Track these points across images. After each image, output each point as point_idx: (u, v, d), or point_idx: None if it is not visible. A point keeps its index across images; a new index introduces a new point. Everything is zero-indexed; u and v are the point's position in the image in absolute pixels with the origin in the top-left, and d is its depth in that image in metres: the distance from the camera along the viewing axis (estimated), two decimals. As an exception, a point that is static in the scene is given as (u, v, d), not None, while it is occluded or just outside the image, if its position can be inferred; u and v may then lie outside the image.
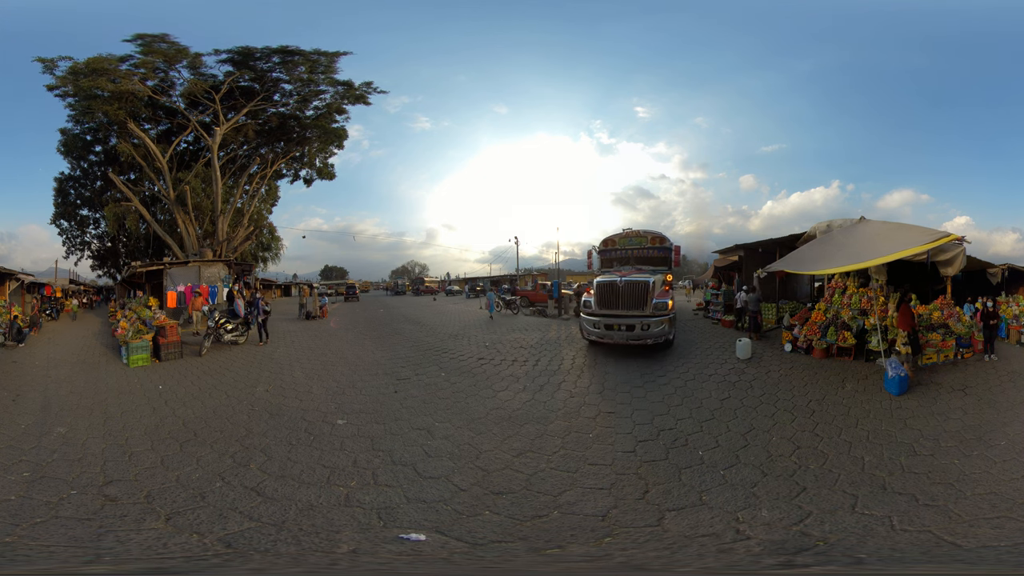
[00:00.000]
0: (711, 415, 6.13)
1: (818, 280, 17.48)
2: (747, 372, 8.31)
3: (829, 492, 4.06)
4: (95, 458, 4.99)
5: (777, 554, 3.20)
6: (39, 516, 3.76)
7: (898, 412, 6.07)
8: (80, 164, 31.01)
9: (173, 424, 6.12)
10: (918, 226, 7.73)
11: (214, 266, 19.02)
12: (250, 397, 7.39)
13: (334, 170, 31.61)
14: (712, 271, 21.99)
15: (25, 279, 21.74)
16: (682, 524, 3.62)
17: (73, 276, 35.42)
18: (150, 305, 15.08)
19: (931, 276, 9.26)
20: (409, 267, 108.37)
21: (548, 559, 3.24)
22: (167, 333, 10.74)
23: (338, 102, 27.00)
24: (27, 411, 6.75)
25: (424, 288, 52.88)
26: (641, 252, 12.06)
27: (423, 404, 6.86)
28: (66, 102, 22.48)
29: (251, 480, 4.43)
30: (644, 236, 12.20)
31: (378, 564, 3.20)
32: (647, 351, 9.93)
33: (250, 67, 23.73)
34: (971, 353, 9.02)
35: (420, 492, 4.17)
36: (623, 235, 12.50)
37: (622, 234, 12.52)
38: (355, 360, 10.25)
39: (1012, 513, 3.59)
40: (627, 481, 4.34)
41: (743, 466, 4.62)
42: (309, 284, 41.20)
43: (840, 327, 9.49)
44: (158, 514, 3.80)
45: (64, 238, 33.98)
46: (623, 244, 12.37)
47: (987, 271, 15.15)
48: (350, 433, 5.69)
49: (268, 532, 3.53)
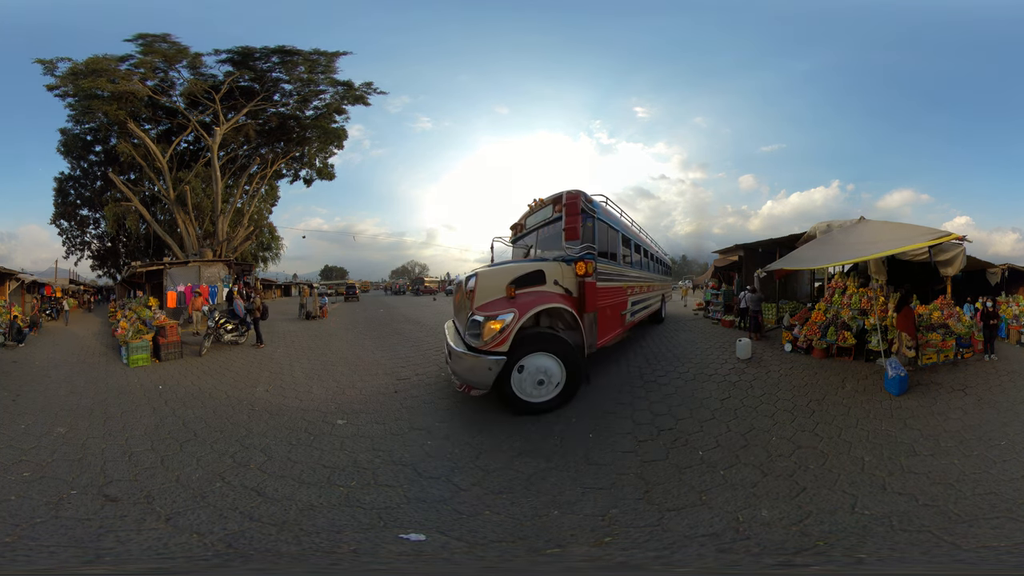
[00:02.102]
0: (711, 415, 6.13)
1: (818, 280, 17.51)
2: (747, 372, 8.31)
3: (829, 492, 4.06)
4: (95, 458, 4.99)
5: (777, 554, 3.21)
6: (39, 516, 3.77)
7: (898, 412, 6.07)
8: (80, 164, 31.04)
9: (173, 424, 6.12)
10: (918, 226, 7.74)
11: (214, 266, 19.04)
12: (250, 397, 7.39)
13: (334, 170, 31.66)
14: (712, 271, 22.00)
15: (25, 279, 21.76)
16: (682, 524, 3.62)
17: (73, 276, 35.43)
18: (150, 305, 15.08)
19: (931, 276, 9.27)
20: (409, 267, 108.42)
21: (548, 559, 3.24)
22: (167, 333, 10.74)
23: (338, 102, 27.02)
24: (27, 411, 6.75)
25: (424, 288, 52.92)
26: (547, 228, 7.91)
27: (425, 401, 6.87)
28: (66, 102, 22.51)
29: (251, 480, 4.43)
30: (549, 204, 7.77)
31: (379, 564, 3.20)
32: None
33: (250, 67, 23.75)
34: (971, 353, 9.02)
35: (421, 492, 4.17)
36: (528, 211, 8.64)
37: (528, 210, 8.69)
38: (355, 360, 10.25)
39: (1012, 513, 3.59)
40: (627, 481, 4.34)
41: (743, 466, 4.62)
42: (309, 284, 41.26)
43: (840, 327, 9.49)
44: (158, 514, 3.80)
45: (64, 238, 34.07)
46: (530, 222, 8.56)
47: (987, 271, 15.16)
48: (350, 433, 5.69)
49: (269, 532, 3.54)
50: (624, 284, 9.51)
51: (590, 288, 6.83)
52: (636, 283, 10.77)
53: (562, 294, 6.72)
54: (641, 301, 11.43)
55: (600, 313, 7.28)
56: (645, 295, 12.00)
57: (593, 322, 6.99)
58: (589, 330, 6.88)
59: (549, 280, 6.72)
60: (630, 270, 10.41)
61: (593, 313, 6.95)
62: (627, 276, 9.91)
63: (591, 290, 6.84)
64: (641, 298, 11.39)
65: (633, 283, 10.45)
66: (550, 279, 6.72)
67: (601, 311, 7.36)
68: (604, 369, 8.64)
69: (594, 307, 6.94)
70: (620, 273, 9.23)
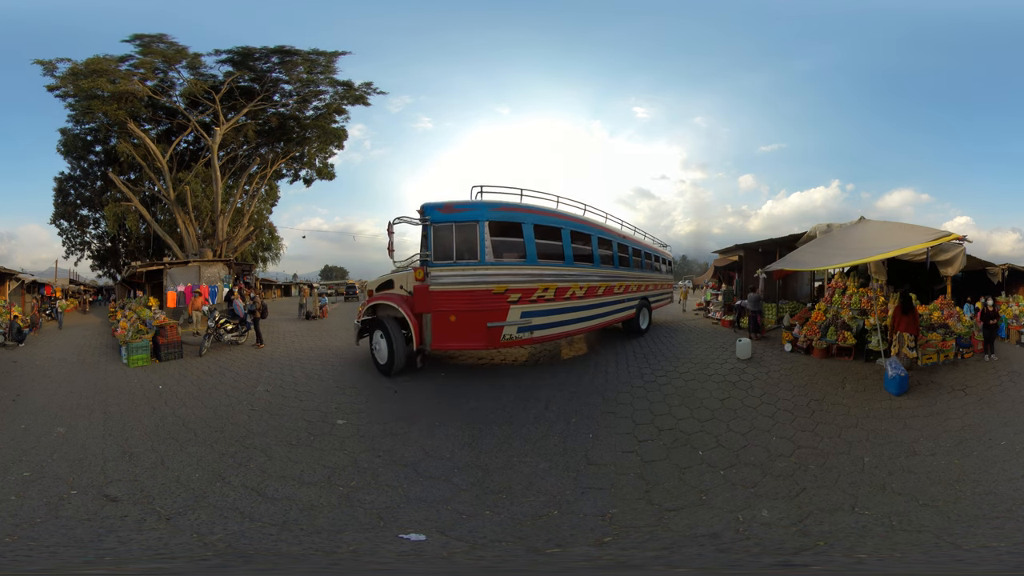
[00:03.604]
0: (711, 415, 6.13)
1: (818, 280, 17.50)
2: (747, 372, 8.31)
3: (829, 492, 4.06)
4: (95, 458, 4.99)
5: (777, 554, 3.21)
6: (39, 516, 3.77)
7: (898, 412, 6.07)
8: (80, 164, 30.98)
9: (173, 424, 6.12)
10: (918, 226, 7.74)
11: (214, 266, 19.04)
12: (250, 397, 7.39)
13: (334, 170, 31.57)
14: (712, 271, 22.01)
15: (25, 279, 21.77)
16: (682, 524, 3.62)
17: (73, 276, 35.42)
18: (150, 305, 15.08)
19: (931, 276, 9.28)
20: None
21: (548, 559, 3.24)
22: (167, 333, 10.74)
23: (338, 102, 26.98)
24: (27, 411, 6.76)
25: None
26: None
27: (425, 402, 6.87)
28: (66, 102, 22.49)
29: (252, 480, 4.43)
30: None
31: (379, 564, 3.20)
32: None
33: (250, 67, 23.73)
34: (971, 353, 9.03)
35: (421, 492, 4.17)
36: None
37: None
38: (355, 360, 10.24)
39: (1012, 513, 3.60)
40: (627, 481, 4.34)
41: (743, 466, 4.62)
42: (309, 284, 41.21)
43: (840, 327, 9.49)
44: (159, 514, 3.80)
45: (64, 238, 34.00)
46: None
47: (987, 271, 15.16)
48: (350, 433, 5.69)
49: (269, 532, 3.54)
50: (491, 287, 7.70)
51: (422, 291, 7.77)
52: (535, 283, 8.15)
53: (404, 296, 8.34)
54: (574, 310, 8.97)
55: (438, 316, 7.72)
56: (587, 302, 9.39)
57: (428, 323, 7.78)
58: (425, 328, 7.82)
59: (396, 286, 8.91)
60: (521, 267, 8.07)
61: (428, 315, 7.75)
62: (503, 277, 7.79)
63: (423, 293, 7.77)
64: (575, 306, 9.00)
65: (529, 284, 8.05)
66: (397, 285, 8.86)
67: (440, 315, 7.72)
68: (604, 369, 8.65)
69: (427, 308, 7.73)
70: (483, 275, 7.73)
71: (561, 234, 8.89)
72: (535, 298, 8.11)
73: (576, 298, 9.04)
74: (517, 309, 7.83)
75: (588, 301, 9.45)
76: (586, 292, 9.34)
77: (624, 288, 11.08)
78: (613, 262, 10.78)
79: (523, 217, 8.27)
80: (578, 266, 9.27)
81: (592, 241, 9.90)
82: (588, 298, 9.43)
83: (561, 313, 8.72)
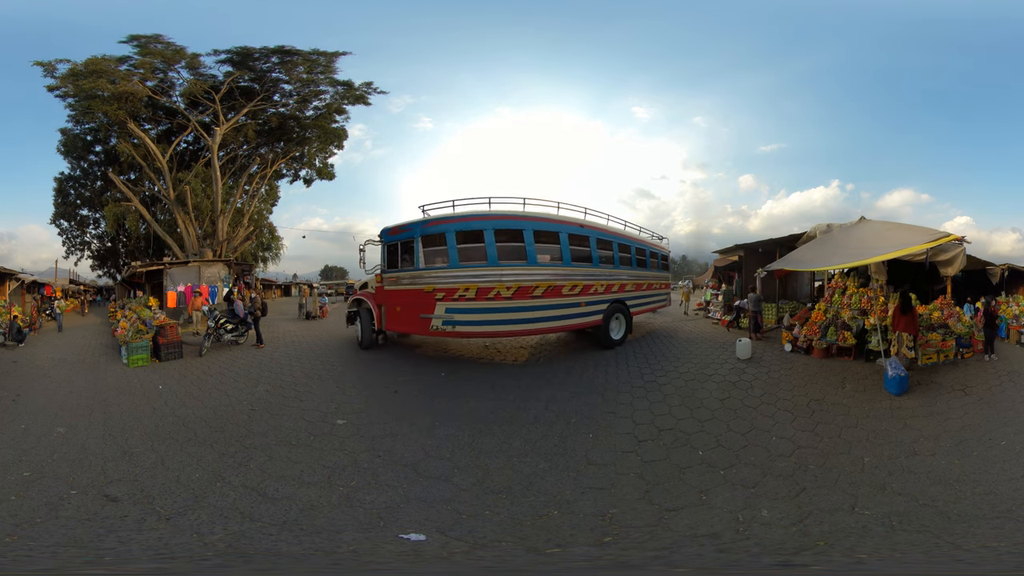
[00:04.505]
0: (711, 415, 6.13)
1: (818, 280, 17.50)
2: (747, 372, 8.31)
3: (829, 492, 4.06)
4: (95, 458, 4.99)
5: (777, 554, 3.21)
6: (39, 516, 3.77)
7: (898, 412, 6.07)
8: (80, 164, 31.00)
9: (173, 424, 6.12)
10: (918, 226, 7.74)
11: (214, 266, 19.05)
12: (250, 397, 7.39)
13: (334, 170, 31.58)
14: (712, 271, 22.02)
15: (25, 279, 21.77)
16: (682, 524, 3.62)
17: (73, 276, 35.42)
18: (150, 305, 15.08)
19: (931, 276, 9.28)
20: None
21: (548, 559, 3.24)
22: (167, 333, 10.74)
23: (338, 102, 26.97)
24: (27, 411, 6.76)
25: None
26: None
27: (425, 402, 6.87)
28: (66, 103, 22.50)
29: (252, 480, 4.43)
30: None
31: (379, 564, 3.20)
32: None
33: (249, 67, 23.73)
34: (971, 353, 9.03)
35: (421, 492, 4.17)
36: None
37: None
38: (355, 359, 10.24)
39: (1012, 513, 3.60)
40: (627, 481, 4.34)
41: (743, 466, 4.63)
42: (309, 284, 41.20)
43: (840, 327, 9.49)
44: (159, 514, 3.80)
45: (64, 238, 34.02)
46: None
47: (987, 271, 15.17)
48: (350, 433, 5.69)
49: (269, 532, 3.54)
50: (422, 287, 9.24)
51: (380, 290, 10.75)
52: (456, 283, 8.79)
53: (371, 293, 11.40)
54: (500, 311, 8.80)
55: (389, 308, 10.49)
56: (517, 303, 8.89)
57: (383, 312, 10.76)
58: (383, 316, 10.76)
59: (370, 286, 12.05)
60: (445, 271, 8.94)
61: (382, 306, 10.74)
62: (431, 279, 9.07)
63: (380, 291, 10.73)
64: (501, 307, 8.79)
65: (452, 284, 8.80)
66: (371, 286, 11.89)
67: (390, 307, 10.41)
68: (604, 369, 8.65)
69: (383, 302, 10.66)
70: (417, 277, 9.42)
71: (483, 235, 8.89)
72: (456, 297, 8.89)
73: (502, 299, 8.78)
74: (442, 305, 8.98)
75: (520, 303, 8.93)
76: (515, 293, 8.87)
77: (582, 289, 9.91)
78: (562, 259, 9.69)
79: (446, 227, 9.15)
80: (504, 265, 8.87)
81: (525, 236, 9.13)
82: (519, 299, 8.90)
83: (484, 312, 8.83)
